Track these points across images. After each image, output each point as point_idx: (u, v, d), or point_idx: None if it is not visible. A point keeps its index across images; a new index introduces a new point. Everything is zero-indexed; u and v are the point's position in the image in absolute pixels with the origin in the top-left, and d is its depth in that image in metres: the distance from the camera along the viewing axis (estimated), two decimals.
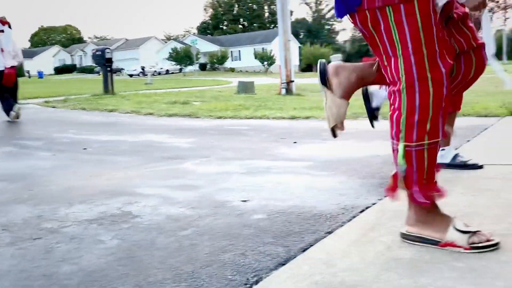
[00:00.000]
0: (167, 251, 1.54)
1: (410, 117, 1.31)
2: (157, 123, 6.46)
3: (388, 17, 1.27)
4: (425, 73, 1.27)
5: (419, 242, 1.39)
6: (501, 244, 1.33)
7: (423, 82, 1.28)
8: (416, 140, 1.31)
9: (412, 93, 1.29)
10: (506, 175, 2.15)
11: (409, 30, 1.26)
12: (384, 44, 1.32)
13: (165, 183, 2.62)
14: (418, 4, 1.24)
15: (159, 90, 16.44)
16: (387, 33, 1.29)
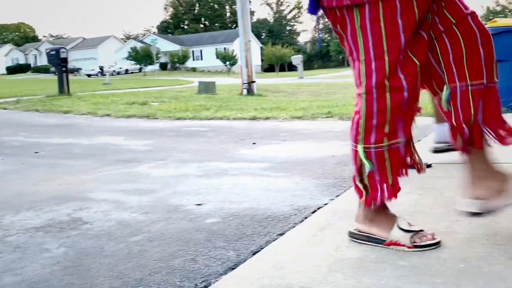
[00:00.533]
0: (116, 258, 1.51)
1: (368, 121, 1.33)
2: (114, 125, 6.31)
3: (355, 21, 1.29)
4: (384, 81, 1.29)
5: (365, 241, 1.42)
6: (442, 242, 1.38)
7: (381, 90, 1.29)
8: (375, 142, 1.34)
9: (370, 99, 1.32)
10: (451, 173, 2.24)
11: (372, 37, 1.27)
12: (350, 46, 1.34)
13: (119, 187, 2.57)
14: (383, 11, 1.25)
15: (117, 90, 16.09)
16: (352, 37, 1.31)
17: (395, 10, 1.25)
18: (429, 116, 5.28)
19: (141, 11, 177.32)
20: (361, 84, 1.34)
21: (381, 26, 1.26)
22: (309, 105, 7.88)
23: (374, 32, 1.27)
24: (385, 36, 1.26)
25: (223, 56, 48.20)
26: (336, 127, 5.03)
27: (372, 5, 1.25)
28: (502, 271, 1.17)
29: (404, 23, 1.25)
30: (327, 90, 14.74)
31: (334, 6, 1.32)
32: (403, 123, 1.34)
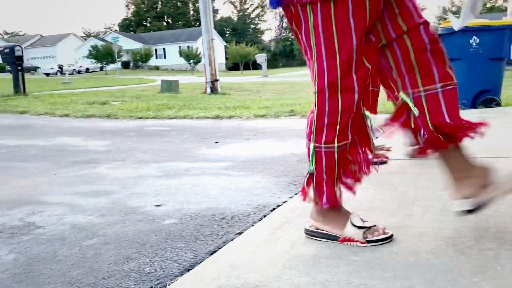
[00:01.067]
0: (69, 263, 1.47)
1: (320, 120, 1.35)
2: (72, 125, 6.14)
3: (308, 20, 1.29)
4: (336, 80, 1.30)
5: (321, 238, 1.44)
6: (394, 236, 1.42)
7: (333, 89, 1.31)
8: (325, 142, 1.36)
9: (322, 98, 1.33)
10: (406, 169, 2.31)
11: (324, 36, 1.28)
12: (304, 45, 1.34)
13: (75, 190, 2.50)
14: (335, 10, 1.25)
15: (77, 89, 15.65)
16: (306, 35, 1.31)
17: (347, 10, 1.25)
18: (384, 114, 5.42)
19: (101, 9, 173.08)
20: (314, 84, 1.35)
21: (332, 25, 1.27)
22: (273, 103, 7.92)
23: (325, 31, 1.27)
24: (336, 35, 1.27)
25: (187, 55, 47.72)
26: (299, 125, 5.08)
27: (324, 4, 1.26)
28: (450, 263, 1.21)
29: (356, 23, 1.26)
30: (290, 89, 14.87)
31: (288, 3, 1.32)
32: (352, 125, 1.36)
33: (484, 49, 4.87)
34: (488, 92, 5.00)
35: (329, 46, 1.28)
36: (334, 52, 1.28)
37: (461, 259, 1.22)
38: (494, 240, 1.33)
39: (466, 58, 4.90)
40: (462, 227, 1.46)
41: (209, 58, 11.94)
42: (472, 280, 1.10)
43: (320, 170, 1.40)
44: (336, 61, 1.29)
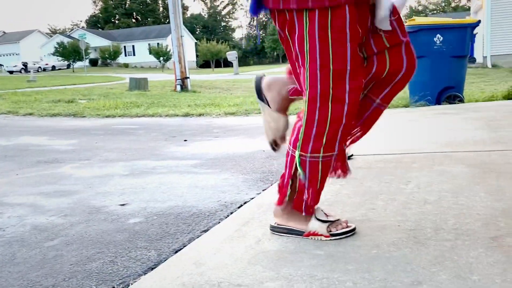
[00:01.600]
0: (28, 265, 1.42)
1: (308, 129, 1.33)
2: (36, 124, 5.96)
3: (304, 27, 1.27)
4: (328, 90, 1.28)
5: (286, 233, 1.45)
6: (357, 229, 1.44)
7: (324, 99, 1.29)
8: (311, 152, 1.35)
9: (313, 108, 1.31)
10: (371, 164, 2.35)
11: (319, 45, 1.25)
12: (296, 52, 1.31)
13: (38, 190, 2.43)
14: (332, 19, 1.23)
15: (42, 88, 15.21)
16: (300, 43, 1.28)
17: (344, 20, 1.23)
18: None
19: (67, 5, 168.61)
20: (305, 93, 1.32)
21: (328, 34, 1.25)
22: (243, 101, 7.91)
23: (321, 40, 1.25)
24: (332, 44, 1.25)
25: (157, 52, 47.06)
26: None
27: (321, 12, 1.24)
28: (409, 254, 1.24)
29: (351, 34, 1.25)
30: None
31: (282, 9, 1.29)
32: (340, 137, 1.34)
33: (448, 47, 5.00)
34: (452, 89, 5.15)
35: (323, 55, 1.26)
36: (328, 61, 1.26)
37: (421, 250, 1.26)
38: (452, 232, 1.37)
39: (431, 56, 5.02)
40: (423, 219, 1.50)
41: (178, 56, 11.82)
42: (431, 270, 1.13)
43: (302, 178, 1.39)
44: (330, 70, 1.27)
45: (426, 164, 2.27)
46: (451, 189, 1.80)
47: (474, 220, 1.45)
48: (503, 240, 1.27)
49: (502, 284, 1.03)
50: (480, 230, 1.36)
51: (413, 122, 3.87)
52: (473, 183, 1.87)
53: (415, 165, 2.27)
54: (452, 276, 1.09)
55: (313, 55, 1.27)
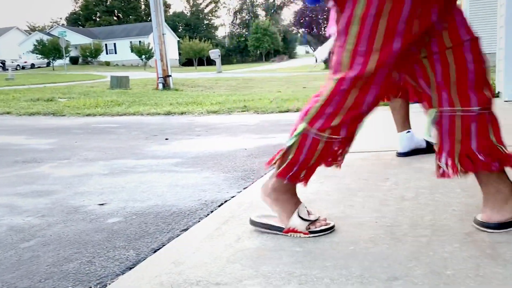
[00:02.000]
0: (2, 266, 1.39)
1: (325, 106, 1.30)
2: (14, 123, 5.85)
3: (357, 7, 1.22)
4: (362, 77, 1.24)
5: (265, 229, 1.46)
6: (336, 226, 1.45)
7: (353, 84, 1.26)
8: (318, 129, 1.32)
9: (338, 88, 1.28)
10: (351, 162, 2.37)
11: (370, 30, 1.21)
12: (341, 28, 1.27)
13: (14, 190, 2.38)
14: (392, 6, 1.19)
15: (21, 86, 14.93)
16: (347, 22, 1.24)
17: (401, 11, 1.19)
18: None
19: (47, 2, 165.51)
20: (337, 72, 1.29)
21: (383, 22, 1.20)
22: (226, 99, 7.90)
23: (373, 26, 1.21)
24: (384, 33, 1.20)
25: (138, 50, 46.60)
26: (251, 120, 5.09)
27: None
28: (387, 250, 1.25)
29: (407, 28, 1.20)
30: (244, 85, 14.89)
31: None
32: (351, 124, 1.32)
33: None
34: None
35: (370, 42, 1.22)
36: (371, 50, 1.22)
37: (397, 246, 1.27)
38: (428, 227, 1.39)
39: None
40: (400, 215, 1.52)
41: (160, 54, 11.73)
42: (407, 266, 1.15)
43: (299, 153, 1.36)
44: (370, 59, 1.23)
45: (404, 161, 2.30)
46: (428, 186, 1.83)
47: (450, 215, 1.47)
48: (477, 235, 1.30)
49: (475, 279, 1.05)
50: (455, 225, 1.39)
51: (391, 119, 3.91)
52: (449, 180, 1.90)
53: (394, 162, 2.30)
54: (427, 271, 1.10)
55: (359, 39, 1.23)
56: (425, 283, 1.05)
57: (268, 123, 4.80)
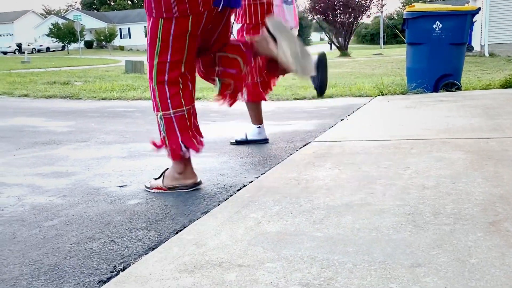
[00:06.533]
0: (28, 244, 1.42)
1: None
2: (32, 105, 5.92)
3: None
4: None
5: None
6: (356, 213, 1.45)
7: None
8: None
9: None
10: (369, 149, 2.36)
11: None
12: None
13: (35, 171, 2.42)
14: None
15: (37, 69, 15.06)
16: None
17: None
18: (350, 97, 5.47)
19: None
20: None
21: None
22: None
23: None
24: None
25: None
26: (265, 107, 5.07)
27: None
28: (409, 238, 1.25)
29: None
30: None
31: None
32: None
33: (446, 34, 4.99)
34: (450, 77, 5.15)
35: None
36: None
37: (420, 234, 1.27)
38: (451, 216, 1.38)
39: (429, 43, 5.01)
40: (421, 204, 1.51)
41: None
42: (430, 253, 1.15)
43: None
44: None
45: (424, 150, 2.28)
46: (449, 175, 1.81)
47: (473, 205, 1.46)
48: (501, 225, 1.29)
49: (501, 268, 1.05)
50: (478, 215, 1.38)
51: (411, 109, 3.87)
52: (471, 169, 1.88)
53: (413, 151, 2.28)
54: (451, 259, 1.10)
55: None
56: (449, 270, 1.05)
57: (283, 109, 4.79)
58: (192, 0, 1.77)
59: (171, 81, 1.87)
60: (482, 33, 14.74)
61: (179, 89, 1.89)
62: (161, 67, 1.85)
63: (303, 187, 1.79)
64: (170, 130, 1.91)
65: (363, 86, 6.22)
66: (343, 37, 29.03)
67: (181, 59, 1.86)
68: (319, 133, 3.09)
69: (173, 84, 1.87)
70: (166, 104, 1.88)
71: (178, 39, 1.82)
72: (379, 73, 10.03)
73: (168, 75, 1.86)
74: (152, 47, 1.84)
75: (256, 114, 3.07)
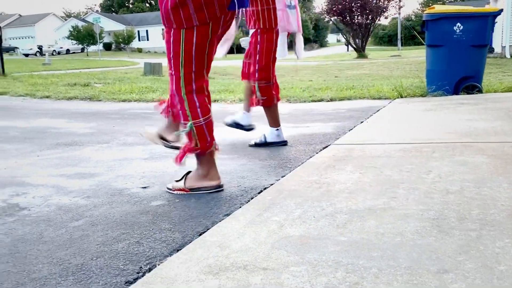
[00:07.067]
0: (55, 244, 1.45)
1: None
2: (53, 107, 6.02)
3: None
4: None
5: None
6: (380, 217, 1.45)
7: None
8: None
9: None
10: (390, 153, 2.34)
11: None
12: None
13: (59, 172, 2.47)
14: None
15: (58, 71, 15.32)
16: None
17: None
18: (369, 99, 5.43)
19: None
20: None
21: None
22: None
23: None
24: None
25: None
26: (283, 109, 5.07)
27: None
28: (434, 243, 1.24)
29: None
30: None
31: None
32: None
33: (467, 36, 4.92)
34: (470, 79, 5.07)
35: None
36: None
37: (445, 240, 1.26)
38: (476, 222, 1.37)
39: (449, 45, 4.95)
40: (446, 209, 1.49)
41: None
42: (457, 259, 1.14)
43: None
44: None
45: (446, 154, 2.26)
46: (473, 180, 1.79)
47: (499, 211, 1.44)
48: None
49: None
50: (505, 221, 1.36)
51: (431, 111, 3.83)
52: (495, 173, 1.85)
53: (436, 154, 2.26)
54: (479, 266, 1.09)
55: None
56: (477, 277, 1.04)
57: (301, 111, 4.78)
58: (210, 7, 1.80)
59: (198, 90, 1.91)
60: (503, 35, 14.49)
61: (205, 96, 1.93)
62: (188, 77, 1.89)
63: (324, 191, 1.78)
64: (201, 136, 1.96)
65: (381, 88, 6.17)
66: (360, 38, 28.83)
67: (203, 67, 1.90)
68: (339, 136, 3.09)
69: (200, 92, 1.92)
70: (196, 113, 1.91)
71: (200, 47, 1.86)
72: (397, 75, 9.94)
73: (195, 85, 1.90)
74: (176, 58, 1.87)
75: (273, 116, 3.09)
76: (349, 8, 28.81)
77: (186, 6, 1.79)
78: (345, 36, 31.58)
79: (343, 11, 28.84)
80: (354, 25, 29.09)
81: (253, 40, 2.95)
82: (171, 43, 1.87)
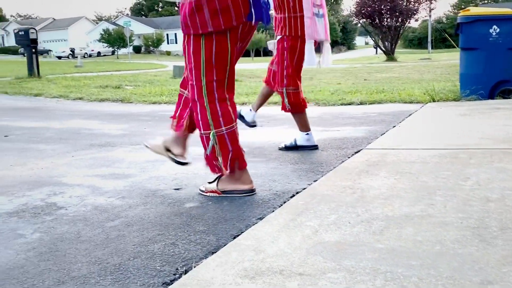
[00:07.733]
0: (93, 243, 1.48)
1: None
2: (86, 108, 6.17)
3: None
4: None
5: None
6: (418, 225, 1.42)
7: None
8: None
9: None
10: (425, 158, 2.29)
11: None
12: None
13: (93, 172, 2.52)
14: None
15: (90, 73, 15.70)
16: None
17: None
18: (400, 103, 5.34)
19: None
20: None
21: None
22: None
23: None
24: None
25: None
26: (312, 112, 5.05)
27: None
28: (476, 253, 1.21)
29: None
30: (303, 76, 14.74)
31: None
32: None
33: (504, 39, 4.77)
34: (507, 83, 4.92)
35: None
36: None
37: (487, 249, 1.22)
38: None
39: (485, 48, 4.81)
40: (487, 217, 1.45)
41: None
42: (501, 270, 1.10)
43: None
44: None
45: (484, 160, 2.19)
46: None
47: None
48: None
49: None
50: None
51: (466, 116, 3.73)
52: None
53: (473, 161, 2.20)
54: None
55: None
56: None
57: (330, 115, 4.74)
58: (226, 14, 1.81)
59: (220, 99, 1.92)
60: None
61: (228, 105, 1.93)
62: (210, 86, 1.90)
63: (358, 196, 1.76)
64: (222, 145, 1.95)
65: (412, 92, 6.05)
66: (389, 41, 28.42)
67: (224, 76, 1.92)
68: (371, 140, 3.04)
69: (222, 101, 1.93)
70: (218, 122, 1.92)
71: (219, 56, 1.87)
72: (428, 79, 9.74)
73: (217, 93, 1.91)
74: (197, 68, 1.89)
75: (301, 122, 3.07)
76: (378, 11, 28.45)
77: (202, 11, 1.81)
78: (374, 39, 31.18)
79: (372, 13, 28.50)
80: (383, 27, 28.70)
81: (280, 47, 2.97)
82: (191, 53, 1.88)
